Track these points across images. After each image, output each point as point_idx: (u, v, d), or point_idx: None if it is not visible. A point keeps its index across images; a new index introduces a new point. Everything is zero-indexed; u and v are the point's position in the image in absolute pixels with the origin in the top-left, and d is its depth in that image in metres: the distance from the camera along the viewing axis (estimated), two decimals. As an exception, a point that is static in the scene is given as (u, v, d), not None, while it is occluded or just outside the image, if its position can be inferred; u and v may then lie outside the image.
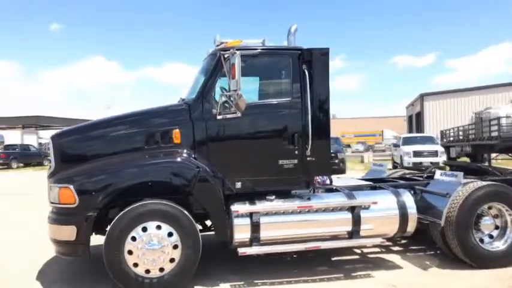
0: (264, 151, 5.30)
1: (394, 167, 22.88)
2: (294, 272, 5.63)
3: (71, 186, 4.76)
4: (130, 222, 4.77)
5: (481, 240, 5.75)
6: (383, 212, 5.50)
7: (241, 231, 5.10)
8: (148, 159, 5.01)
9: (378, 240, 5.41)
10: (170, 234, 4.84)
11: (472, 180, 5.97)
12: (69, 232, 4.77)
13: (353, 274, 5.51)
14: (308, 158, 5.31)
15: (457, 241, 5.54)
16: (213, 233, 5.35)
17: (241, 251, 5.04)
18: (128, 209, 4.78)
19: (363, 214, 5.40)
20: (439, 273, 5.53)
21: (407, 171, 7.51)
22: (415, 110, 45.50)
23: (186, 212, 4.91)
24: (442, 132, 27.43)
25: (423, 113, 40.77)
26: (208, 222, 5.83)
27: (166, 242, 4.81)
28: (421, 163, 20.64)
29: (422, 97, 41.65)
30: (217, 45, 5.40)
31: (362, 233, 5.40)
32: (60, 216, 4.87)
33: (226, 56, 5.11)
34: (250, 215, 5.11)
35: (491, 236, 5.82)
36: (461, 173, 5.83)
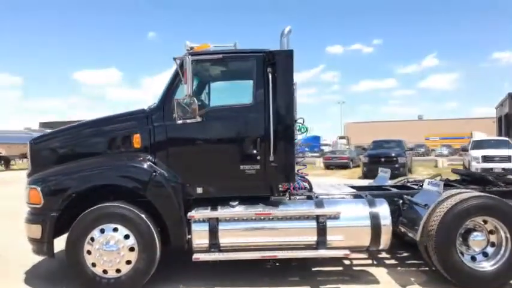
0: (225, 156, 5.24)
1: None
2: (264, 279, 5.49)
3: (38, 188, 5.09)
4: (89, 224, 4.98)
5: (473, 259, 5.18)
6: (352, 222, 5.17)
7: (199, 237, 5.09)
8: (106, 163, 5.20)
9: (341, 253, 5.08)
10: (127, 237, 4.98)
11: (460, 191, 5.39)
12: (36, 230, 5.10)
13: (321, 287, 5.24)
14: (271, 164, 5.16)
15: (437, 257, 5.05)
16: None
17: (195, 256, 5.03)
18: (88, 211, 5.00)
19: (330, 224, 5.12)
20: (415, 291, 5.08)
21: (412, 179, 6.94)
22: (503, 111, 41.69)
23: (143, 216, 5.01)
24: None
25: (512, 114, 37.20)
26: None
27: (123, 244, 4.95)
28: (491, 169, 18.89)
29: (511, 96, 38.06)
30: (187, 50, 5.43)
31: (330, 244, 5.12)
32: (30, 215, 5.22)
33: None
34: (209, 221, 5.08)
35: (485, 254, 5.20)
36: (442, 183, 5.29)
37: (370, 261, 6.31)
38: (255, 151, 5.15)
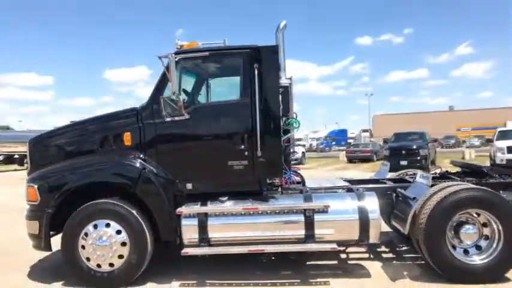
0: (213, 152, 5.32)
1: (492, 165, 20.58)
2: (256, 274, 5.57)
3: (35, 186, 5.32)
4: (83, 220, 5.17)
5: (466, 252, 5.10)
6: (339, 216, 5.16)
7: (189, 232, 5.20)
8: (97, 161, 5.37)
9: (328, 246, 5.08)
10: (119, 232, 5.14)
11: (451, 183, 5.30)
12: (34, 226, 5.33)
13: (311, 280, 5.26)
14: (259, 159, 5.20)
15: (427, 250, 5.00)
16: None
17: (184, 251, 5.14)
18: (81, 207, 5.19)
19: (317, 218, 5.13)
20: (405, 285, 5.03)
21: (411, 171, 6.82)
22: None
23: (134, 212, 5.16)
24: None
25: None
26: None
27: (115, 239, 5.12)
28: (517, 160, 18.30)
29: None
30: (177, 48, 5.52)
31: (318, 238, 5.14)
32: (29, 212, 5.45)
33: (176, 59, 5.23)
34: (198, 216, 5.18)
35: (478, 247, 5.10)
36: (430, 176, 5.22)
37: (366, 255, 6.28)
38: (242, 147, 5.21)
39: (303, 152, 30.59)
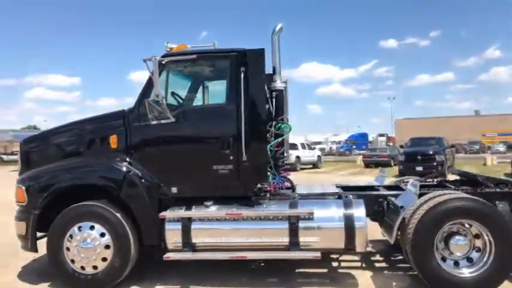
0: (198, 156, 5.27)
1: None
2: (242, 280, 5.49)
3: (23, 187, 5.38)
4: (67, 222, 5.19)
5: (456, 264, 4.90)
6: (324, 224, 5.03)
7: (172, 236, 5.16)
8: (83, 163, 5.39)
9: (311, 255, 4.96)
10: (103, 235, 5.14)
11: (441, 192, 5.11)
12: (22, 227, 5.38)
13: (295, 289, 5.17)
14: (244, 164, 5.13)
15: (414, 261, 4.84)
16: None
17: (166, 256, 5.10)
18: (67, 209, 5.22)
19: (302, 225, 5.02)
20: (391, 297, 4.88)
21: (407, 179, 6.62)
22: None
23: (118, 215, 5.15)
24: None
25: None
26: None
27: (98, 241, 5.12)
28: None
29: None
30: (167, 51, 5.50)
31: (302, 246, 5.03)
32: (17, 213, 5.51)
33: (163, 62, 5.22)
34: (181, 220, 5.14)
35: (469, 260, 4.90)
36: (418, 184, 5.04)
37: (359, 264, 6.13)
38: (227, 151, 5.14)
39: (318, 156, 30.36)
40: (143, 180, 5.23)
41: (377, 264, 6.13)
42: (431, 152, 20.23)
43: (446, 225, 4.82)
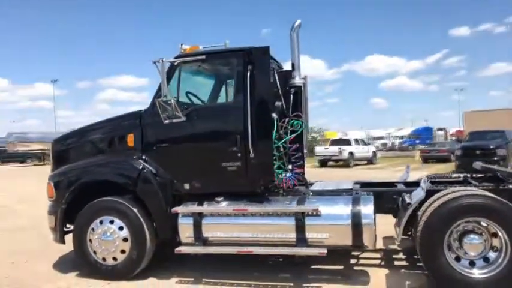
0: (208, 153, 5.42)
1: None
2: (253, 275, 5.57)
3: (52, 183, 5.83)
4: (90, 216, 5.58)
5: (472, 263, 4.68)
6: (331, 220, 5.00)
7: (184, 231, 5.37)
8: (103, 161, 5.75)
9: (316, 251, 4.94)
10: (121, 228, 5.46)
11: (455, 189, 4.88)
12: (51, 220, 5.85)
13: (304, 285, 5.17)
14: (252, 161, 5.22)
15: (422, 259, 4.69)
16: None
17: (177, 249, 5.31)
18: (89, 204, 5.59)
19: (309, 222, 5.02)
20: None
21: (432, 175, 6.31)
22: None
23: (134, 210, 5.43)
24: None
25: None
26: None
27: (117, 235, 5.45)
28: None
29: None
30: (181, 52, 5.69)
31: (310, 242, 5.04)
32: (49, 207, 5.97)
33: (176, 63, 5.44)
34: (193, 215, 5.33)
35: (486, 259, 4.65)
36: (428, 180, 4.83)
37: (378, 262, 6.01)
38: (235, 148, 5.25)
39: (373, 152, 29.61)
40: (157, 177, 5.47)
41: (397, 263, 5.97)
42: (492, 147, 18.98)
43: (458, 223, 4.60)
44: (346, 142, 27.53)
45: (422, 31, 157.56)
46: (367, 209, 4.97)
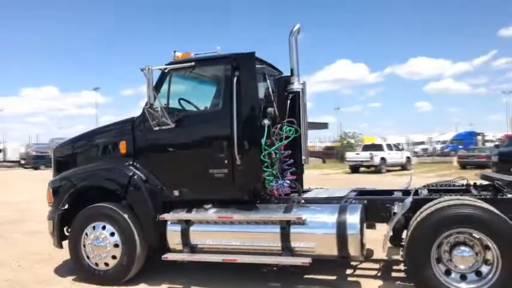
0: (196, 160, 5.41)
1: None
2: (243, 283, 5.51)
3: (50, 189, 6.00)
4: (84, 221, 5.70)
5: (463, 277, 4.42)
6: (315, 229, 4.86)
7: (172, 238, 5.38)
8: (96, 167, 5.86)
9: (300, 261, 4.80)
10: (112, 234, 5.54)
11: (446, 198, 4.64)
12: (50, 225, 6.01)
13: (293, 296, 5.06)
14: (238, 168, 5.17)
15: (408, 270, 4.51)
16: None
17: (164, 256, 5.33)
18: (84, 209, 5.72)
19: (294, 231, 4.91)
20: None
21: (434, 183, 5.99)
22: None
23: (125, 216, 5.50)
24: None
25: None
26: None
27: (109, 240, 5.53)
28: None
29: None
30: (174, 59, 5.73)
31: (295, 251, 4.93)
32: (48, 212, 6.14)
33: (166, 71, 5.49)
34: (180, 222, 5.33)
35: (478, 273, 4.39)
36: (413, 190, 4.61)
37: (374, 272, 5.79)
38: (222, 155, 5.21)
39: (408, 157, 28.77)
40: (147, 184, 5.51)
41: (394, 274, 5.73)
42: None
43: (447, 234, 4.37)
44: (378, 147, 26.94)
45: (469, 32, 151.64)
46: (353, 218, 4.80)
